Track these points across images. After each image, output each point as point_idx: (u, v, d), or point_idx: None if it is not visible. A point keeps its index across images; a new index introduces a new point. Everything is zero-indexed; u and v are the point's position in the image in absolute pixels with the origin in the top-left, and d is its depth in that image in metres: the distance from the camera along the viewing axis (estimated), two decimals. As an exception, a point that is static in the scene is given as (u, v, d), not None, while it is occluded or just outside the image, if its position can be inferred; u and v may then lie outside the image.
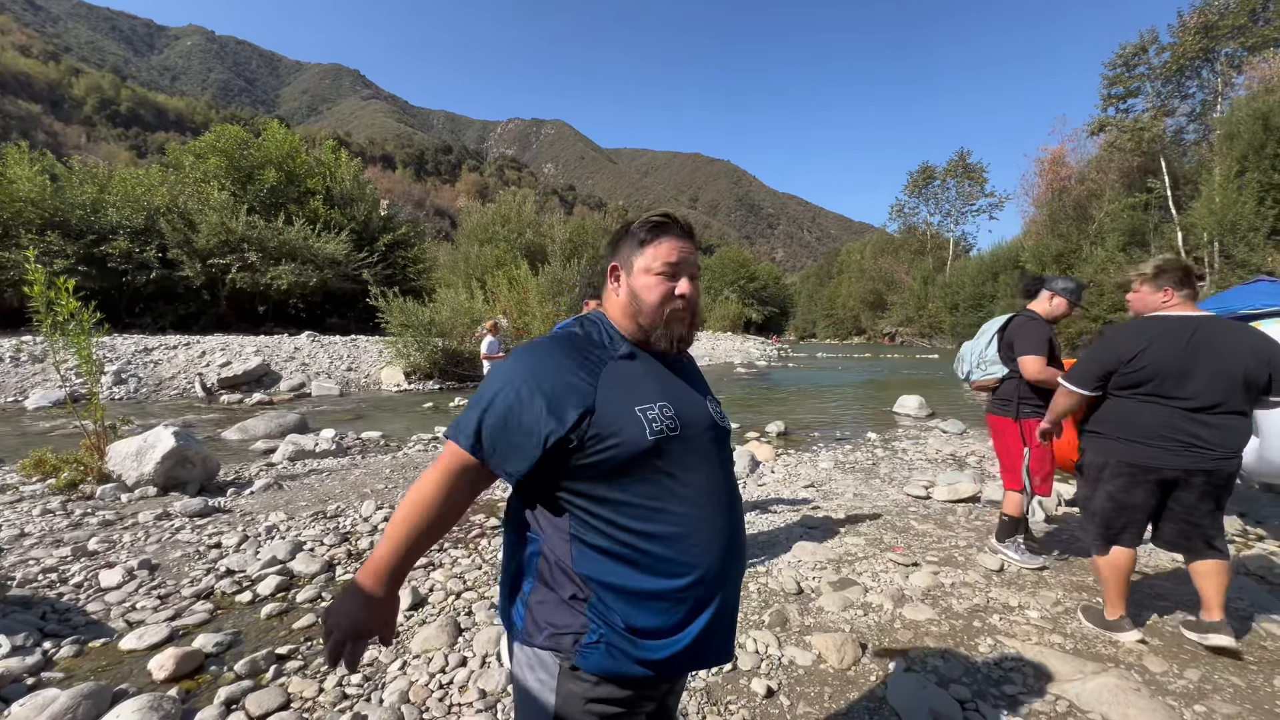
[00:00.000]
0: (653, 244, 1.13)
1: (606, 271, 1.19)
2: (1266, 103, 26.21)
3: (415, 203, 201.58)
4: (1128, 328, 2.47)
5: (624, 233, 1.18)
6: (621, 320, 1.16)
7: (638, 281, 1.13)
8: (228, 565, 3.37)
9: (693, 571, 1.04)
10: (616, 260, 1.18)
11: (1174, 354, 2.31)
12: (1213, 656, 2.43)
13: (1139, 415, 2.40)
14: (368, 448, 7.33)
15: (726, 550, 1.09)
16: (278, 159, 27.06)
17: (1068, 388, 2.60)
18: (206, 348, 15.39)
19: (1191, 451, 2.30)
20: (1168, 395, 2.33)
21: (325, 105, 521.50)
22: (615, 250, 1.19)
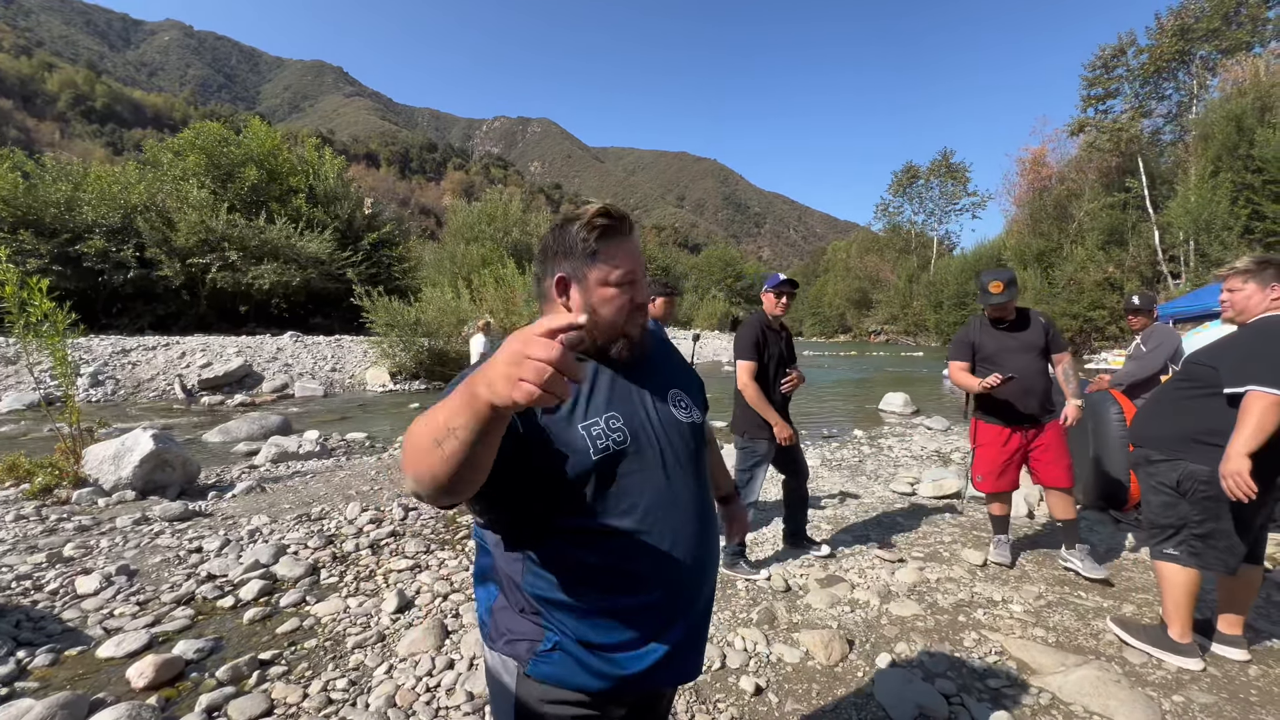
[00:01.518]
0: (605, 253, 1.00)
1: (549, 283, 1.04)
2: (1239, 104, 26.81)
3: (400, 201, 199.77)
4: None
5: (565, 237, 1.01)
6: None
7: (595, 296, 1.01)
8: (209, 570, 3.31)
9: (653, 589, 1.00)
10: (563, 270, 1.02)
11: None
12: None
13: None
14: (352, 449, 7.25)
15: (693, 563, 1.05)
16: (259, 156, 26.66)
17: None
18: (186, 348, 15.13)
19: None
20: None
21: (307, 102, 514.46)
22: (555, 258, 1.03)
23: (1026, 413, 3.21)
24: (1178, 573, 2.36)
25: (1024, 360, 3.19)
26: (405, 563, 3.46)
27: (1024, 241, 40.40)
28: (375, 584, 3.22)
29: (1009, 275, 3.27)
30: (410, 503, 4.65)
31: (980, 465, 3.40)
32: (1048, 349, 3.26)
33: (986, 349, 3.31)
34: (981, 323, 3.39)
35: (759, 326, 3.33)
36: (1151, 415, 2.55)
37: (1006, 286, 3.21)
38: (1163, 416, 2.47)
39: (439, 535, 4.00)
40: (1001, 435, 3.29)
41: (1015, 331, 3.27)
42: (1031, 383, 3.19)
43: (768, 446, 3.34)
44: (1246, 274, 2.29)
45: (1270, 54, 29.05)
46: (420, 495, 0.78)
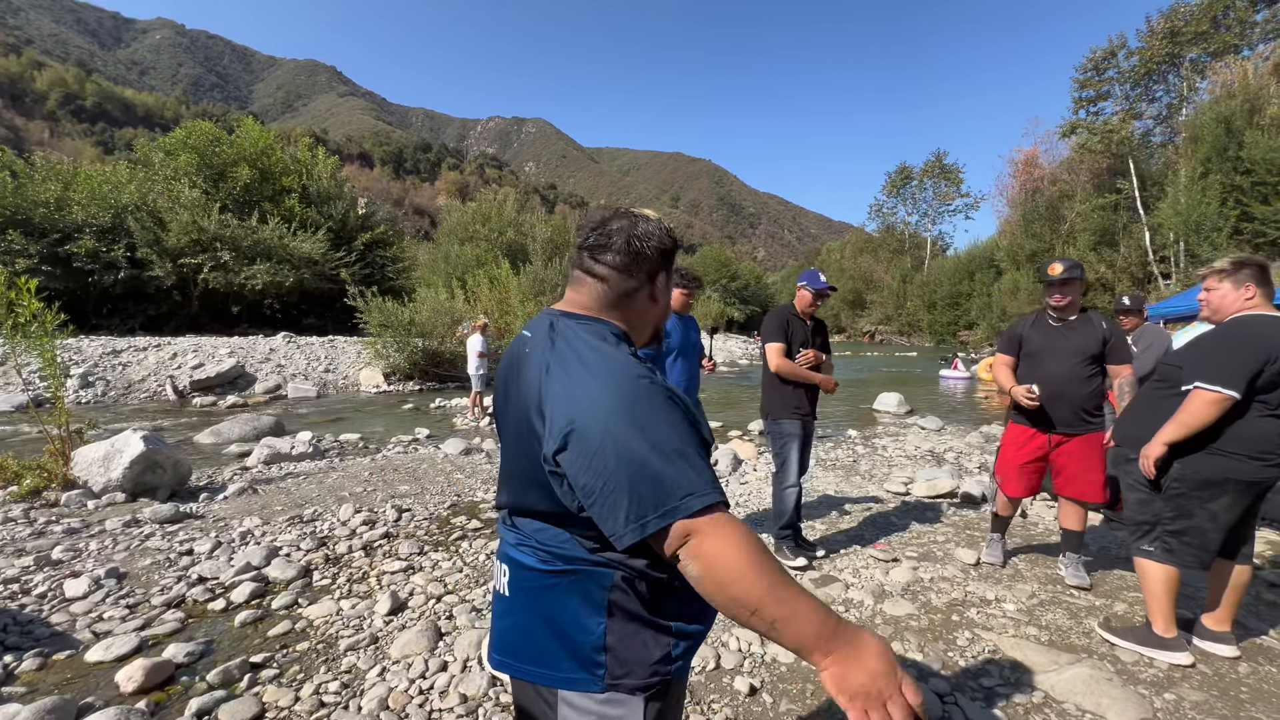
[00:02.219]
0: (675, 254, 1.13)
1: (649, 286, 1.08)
2: (1229, 106, 27.07)
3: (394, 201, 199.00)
4: (1254, 324, 2.21)
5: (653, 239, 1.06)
6: (643, 326, 1.12)
7: (669, 295, 1.15)
8: (200, 572, 3.28)
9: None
10: (664, 269, 1.10)
11: None
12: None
13: (1260, 429, 2.19)
14: (346, 450, 7.22)
15: None
16: (252, 156, 26.45)
17: (1224, 393, 2.16)
18: (178, 349, 15.02)
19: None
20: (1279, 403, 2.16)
21: (300, 102, 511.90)
22: (652, 259, 1.06)
23: (1055, 419, 3.06)
24: (1155, 569, 2.40)
25: (1066, 364, 3.03)
26: (398, 564, 3.45)
27: (1017, 242, 40.64)
28: (368, 586, 3.20)
29: (1072, 262, 3.11)
30: (404, 504, 4.63)
31: (999, 465, 3.34)
32: (1103, 357, 3.04)
33: (1033, 344, 3.17)
34: (1037, 317, 3.25)
35: (786, 315, 3.49)
36: (1131, 415, 2.60)
37: (1067, 270, 3.05)
38: (1139, 416, 2.52)
39: (433, 537, 3.98)
40: (1024, 436, 3.18)
41: (1070, 332, 3.08)
42: (1064, 389, 3.03)
43: (793, 425, 3.43)
44: (1222, 274, 2.35)
45: (1258, 57, 29.35)
46: (704, 585, 0.79)
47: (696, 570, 0.78)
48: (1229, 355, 2.19)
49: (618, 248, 1.02)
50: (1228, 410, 2.18)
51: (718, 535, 0.77)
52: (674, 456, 0.80)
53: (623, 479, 0.80)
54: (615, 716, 0.93)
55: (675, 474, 0.79)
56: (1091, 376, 3.03)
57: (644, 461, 0.79)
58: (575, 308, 1.05)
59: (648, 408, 0.84)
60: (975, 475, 5.65)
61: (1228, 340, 2.23)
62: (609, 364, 0.90)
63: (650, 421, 0.83)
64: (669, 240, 1.07)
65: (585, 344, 0.94)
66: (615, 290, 1.04)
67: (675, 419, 0.85)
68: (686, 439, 0.84)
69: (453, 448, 6.88)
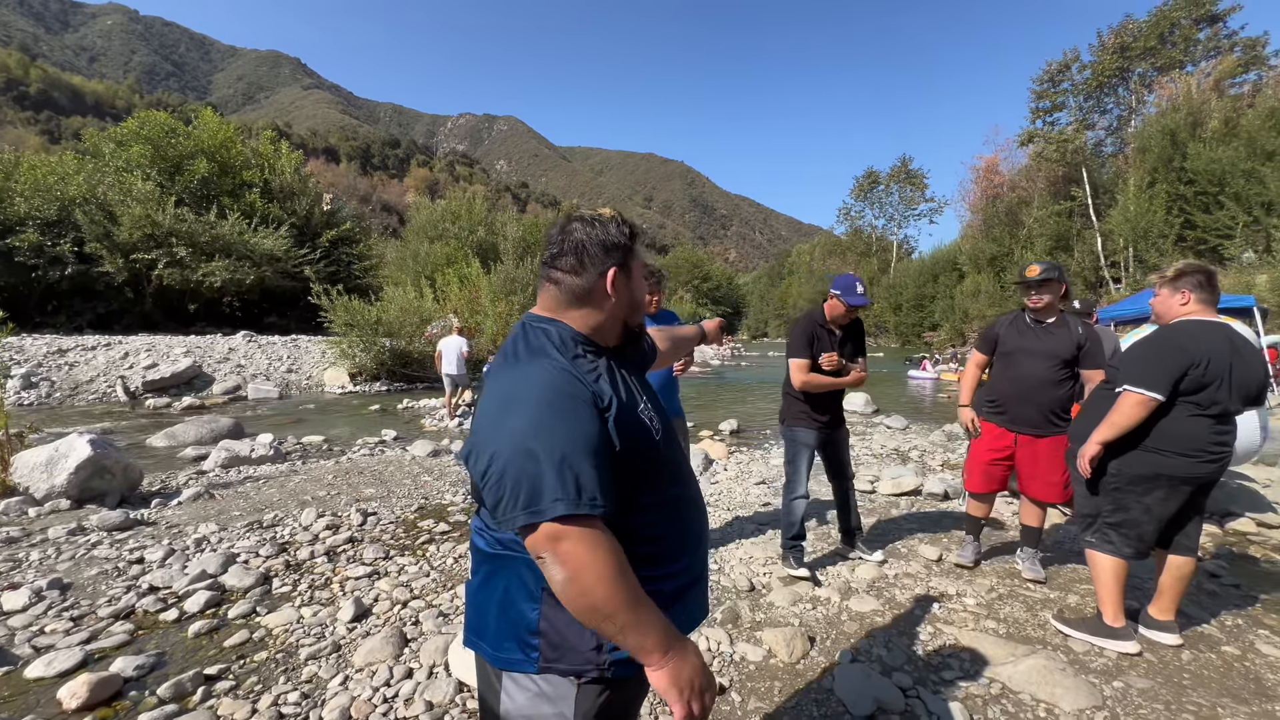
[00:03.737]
0: (638, 247, 1.14)
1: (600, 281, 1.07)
2: (1173, 119, 28.40)
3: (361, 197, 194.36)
4: (1184, 329, 2.33)
5: (609, 232, 1.09)
6: (608, 324, 1.11)
7: (638, 288, 1.14)
8: (151, 582, 3.15)
9: (697, 545, 1.15)
10: (616, 264, 1.09)
11: (1223, 360, 2.24)
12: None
13: (1189, 428, 2.29)
14: (309, 453, 7.03)
15: (704, 518, 1.22)
16: (210, 149, 25.54)
17: (1148, 395, 2.28)
18: (130, 348, 14.41)
19: (1221, 459, 2.32)
20: (1210, 403, 2.27)
21: (263, 94, 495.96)
22: (606, 253, 1.08)
23: (1024, 419, 3.11)
24: (1101, 559, 2.52)
25: (1038, 366, 3.06)
26: (363, 570, 3.36)
27: (978, 246, 41.91)
28: (331, 592, 3.12)
29: (1050, 263, 3.14)
30: (369, 507, 4.52)
31: (968, 462, 3.40)
32: (1076, 361, 3.05)
33: (1008, 344, 3.20)
34: (1015, 317, 3.26)
35: (812, 327, 3.28)
36: (1081, 413, 2.73)
37: (1044, 271, 3.07)
38: (1086, 414, 2.65)
39: (399, 541, 3.90)
40: (994, 433, 3.23)
41: (1045, 335, 3.10)
42: (1032, 391, 3.07)
43: (807, 434, 3.31)
44: (1164, 281, 2.48)
45: (1200, 73, 30.86)
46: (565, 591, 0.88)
47: (560, 575, 0.86)
48: (1155, 359, 2.31)
49: (566, 250, 1.08)
50: (1155, 410, 2.31)
51: (583, 544, 0.85)
52: (557, 462, 0.86)
53: (507, 473, 0.88)
54: (550, 696, 1.00)
55: (552, 479, 0.85)
56: (1063, 380, 3.05)
57: (525, 460, 0.87)
58: (541, 310, 1.12)
59: (549, 410, 0.90)
60: (939, 473, 5.80)
61: (1156, 345, 2.35)
62: (530, 365, 0.98)
63: (547, 424, 0.89)
64: (618, 235, 1.09)
65: (524, 344, 1.04)
66: (569, 292, 1.08)
67: (576, 426, 0.90)
68: (580, 447, 0.89)
69: (420, 449, 6.76)
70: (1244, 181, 23.39)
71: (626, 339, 1.17)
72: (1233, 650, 2.51)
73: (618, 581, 0.86)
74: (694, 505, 1.16)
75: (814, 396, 3.29)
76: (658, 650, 0.90)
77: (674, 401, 3.34)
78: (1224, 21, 31.85)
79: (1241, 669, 2.38)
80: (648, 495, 1.04)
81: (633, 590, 0.88)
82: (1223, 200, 24.30)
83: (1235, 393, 2.27)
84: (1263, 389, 2.32)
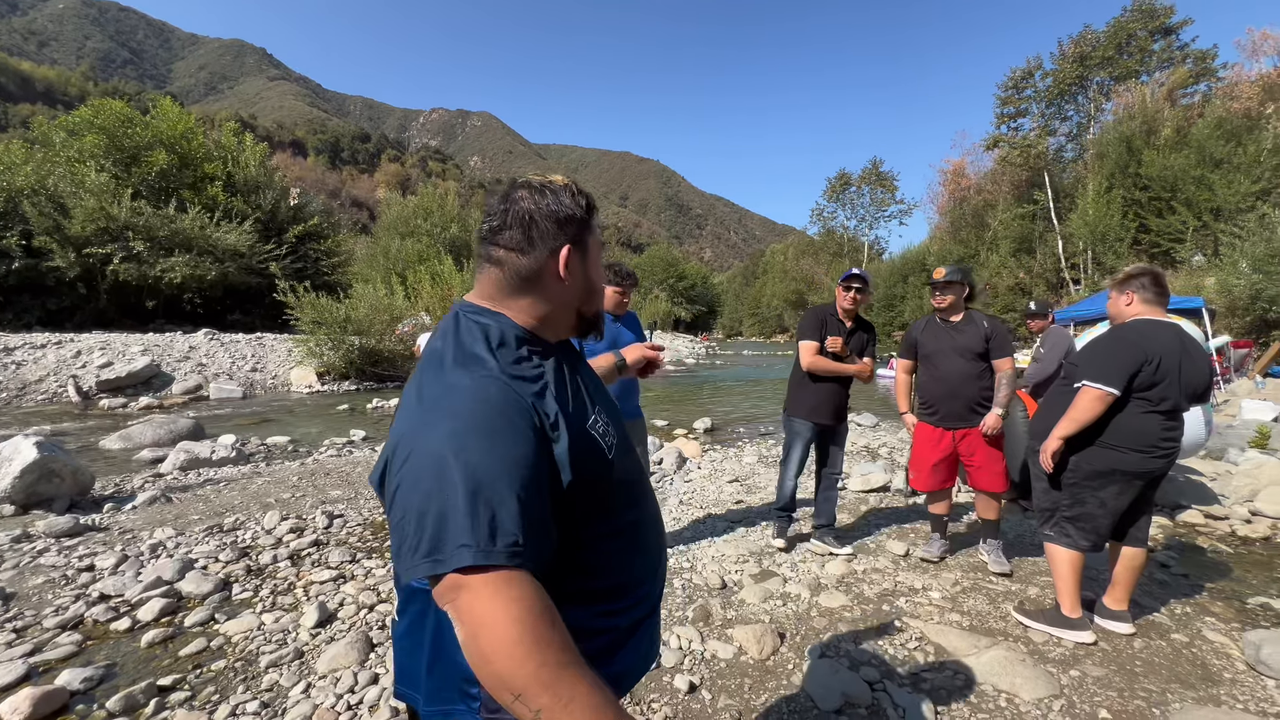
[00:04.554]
0: (594, 222, 0.97)
1: (552, 260, 0.91)
2: (1129, 127, 29.50)
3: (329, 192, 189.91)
4: (1136, 328, 2.44)
5: (560, 202, 0.92)
6: (558, 314, 0.96)
7: (594, 269, 0.97)
8: (102, 590, 3.02)
9: (656, 566, 1.03)
10: (569, 240, 0.92)
11: (1173, 359, 2.35)
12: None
13: (1141, 423, 2.39)
14: (273, 454, 6.83)
15: (663, 541, 1.08)
16: (169, 140, 24.57)
17: (1105, 390, 2.39)
18: (82, 347, 13.80)
19: (1170, 454, 2.43)
20: (1160, 398, 2.36)
21: (226, 84, 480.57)
22: (557, 227, 0.91)
23: (953, 414, 3.30)
24: (1061, 553, 2.60)
25: (956, 363, 3.27)
26: (328, 573, 3.28)
27: (946, 248, 42.87)
28: (294, 597, 3.03)
29: (954, 266, 3.38)
30: (336, 509, 4.42)
31: (913, 462, 3.55)
32: (988, 354, 3.25)
33: (926, 347, 3.43)
34: (929, 321, 3.48)
35: (824, 314, 3.55)
36: (1039, 411, 2.83)
37: (948, 274, 3.31)
38: (1045, 411, 2.74)
39: (366, 543, 3.82)
40: (933, 435, 3.38)
41: (956, 333, 3.31)
42: (957, 386, 3.27)
43: (804, 425, 3.56)
44: (1118, 284, 2.61)
45: (1155, 83, 32.12)
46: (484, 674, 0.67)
47: (460, 634, 0.68)
48: (1110, 357, 2.42)
49: (510, 223, 0.90)
50: (1111, 406, 2.41)
51: (484, 598, 0.66)
52: (469, 496, 0.69)
53: (413, 509, 0.71)
54: None
55: (461, 518, 0.69)
56: (981, 373, 3.28)
57: (432, 494, 0.70)
58: (478, 298, 0.94)
59: (472, 431, 0.74)
60: (906, 470, 5.92)
61: (1111, 344, 2.47)
62: (457, 374, 0.81)
63: (467, 447, 0.72)
64: (573, 206, 0.92)
65: (454, 344, 0.86)
66: (513, 273, 0.90)
67: (502, 450, 0.74)
68: (502, 475, 0.72)
69: (390, 450, 6.62)
70: (1194, 188, 24.43)
71: (582, 330, 1.01)
72: (1181, 637, 2.62)
73: (531, 648, 0.64)
74: (652, 526, 1.03)
75: (818, 393, 3.50)
76: None
77: (632, 402, 3.32)
78: (1176, 34, 33.21)
79: (1189, 655, 2.48)
80: (601, 523, 0.90)
81: (555, 660, 0.65)
82: (1174, 205, 25.34)
83: (1184, 390, 2.38)
84: (1208, 387, 2.44)
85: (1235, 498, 4.62)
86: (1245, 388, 10.01)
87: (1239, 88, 28.09)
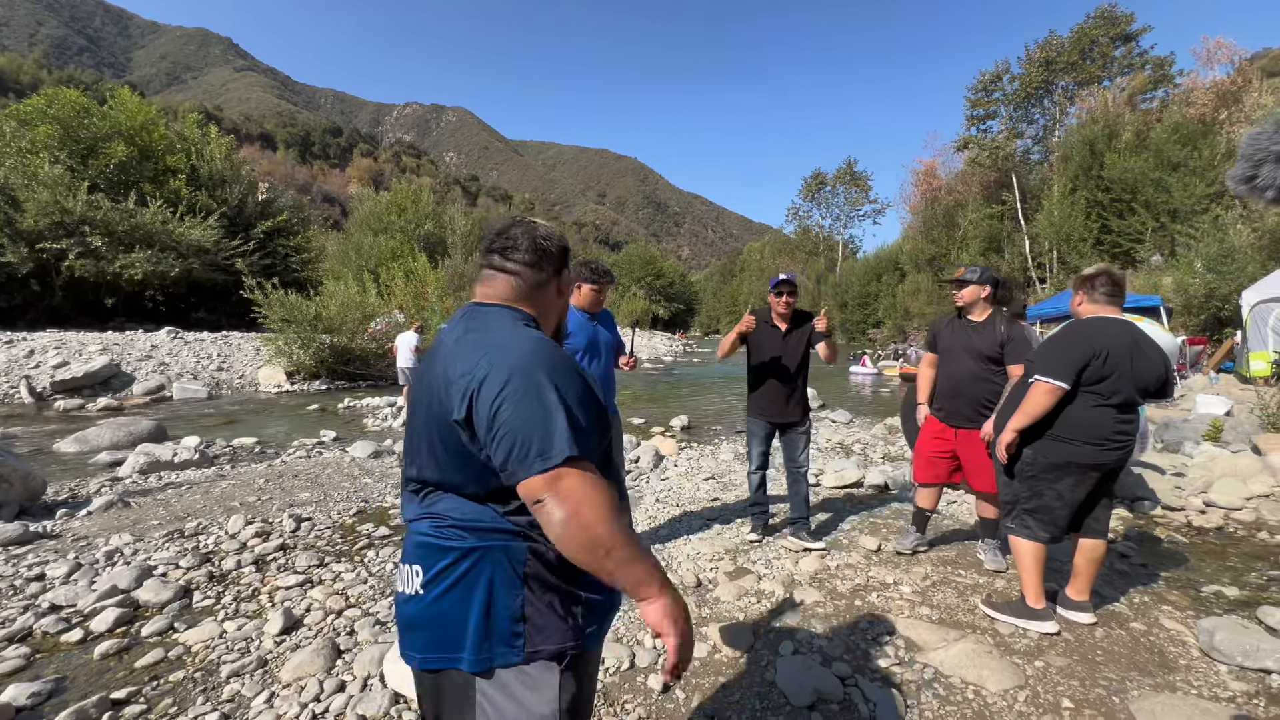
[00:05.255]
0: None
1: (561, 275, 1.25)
2: (1092, 130, 30.40)
3: (300, 187, 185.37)
4: (1087, 324, 2.53)
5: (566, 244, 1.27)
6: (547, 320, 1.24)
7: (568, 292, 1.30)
8: (52, 600, 2.89)
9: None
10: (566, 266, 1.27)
11: (1123, 354, 2.42)
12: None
13: (1094, 417, 2.46)
14: (239, 456, 6.64)
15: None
16: (128, 131, 23.70)
17: (1054, 383, 2.47)
18: (36, 346, 13.27)
19: (1124, 447, 2.49)
20: (1111, 392, 2.43)
21: (189, 74, 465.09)
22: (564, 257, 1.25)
23: (958, 414, 3.30)
24: (1021, 544, 2.67)
25: (964, 363, 3.27)
26: (295, 579, 3.19)
27: (918, 247, 43.69)
28: (259, 604, 2.95)
29: (978, 268, 3.34)
30: (303, 513, 4.31)
31: (915, 451, 3.60)
32: (1003, 358, 3.20)
33: (944, 342, 3.43)
34: (953, 318, 3.48)
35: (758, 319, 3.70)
36: (1002, 405, 2.90)
37: (968, 273, 3.32)
38: (1006, 406, 2.81)
39: (335, 547, 3.73)
40: (937, 429, 3.40)
41: (974, 333, 3.29)
42: (962, 385, 3.27)
43: (755, 424, 3.77)
44: (1078, 283, 2.71)
45: (1116, 88, 33.16)
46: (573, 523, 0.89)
47: (559, 514, 0.88)
48: (1060, 351, 2.51)
49: (526, 247, 1.18)
50: (1063, 400, 2.49)
51: (583, 481, 0.89)
52: (564, 411, 0.93)
53: (519, 419, 0.91)
54: (534, 681, 1.00)
55: (563, 426, 0.91)
56: (991, 375, 3.22)
57: (537, 407, 0.92)
58: (488, 300, 1.17)
59: (551, 364, 0.98)
60: (879, 465, 6.01)
61: (1062, 339, 2.56)
62: (518, 331, 1.06)
63: (551, 375, 0.96)
64: (565, 242, 1.25)
65: (496, 320, 1.10)
66: (527, 283, 1.18)
67: (576, 382, 1.00)
68: (579, 401, 0.97)
69: (361, 450, 6.50)
70: (1152, 190, 25.29)
71: (556, 336, 1.29)
72: (1140, 626, 2.70)
73: (617, 517, 0.90)
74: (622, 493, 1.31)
75: (765, 393, 3.69)
76: (654, 583, 0.93)
77: (609, 401, 3.32)
78: (1136, 41, 34.31)
79: (1147, 643, 2.56)
80: (604, 462, 1.08)
81: (628, 526, 0.92)
82: (1134, 207, 26.20)
83: (1136, 384, 2.46)
84: (1163, 383, 2.50)
85: (1190, 489, 4.79)
86: (1200, 383, 10.39)
87: (1194, 94, 29.13)
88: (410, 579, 1.06)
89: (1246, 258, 15.48)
